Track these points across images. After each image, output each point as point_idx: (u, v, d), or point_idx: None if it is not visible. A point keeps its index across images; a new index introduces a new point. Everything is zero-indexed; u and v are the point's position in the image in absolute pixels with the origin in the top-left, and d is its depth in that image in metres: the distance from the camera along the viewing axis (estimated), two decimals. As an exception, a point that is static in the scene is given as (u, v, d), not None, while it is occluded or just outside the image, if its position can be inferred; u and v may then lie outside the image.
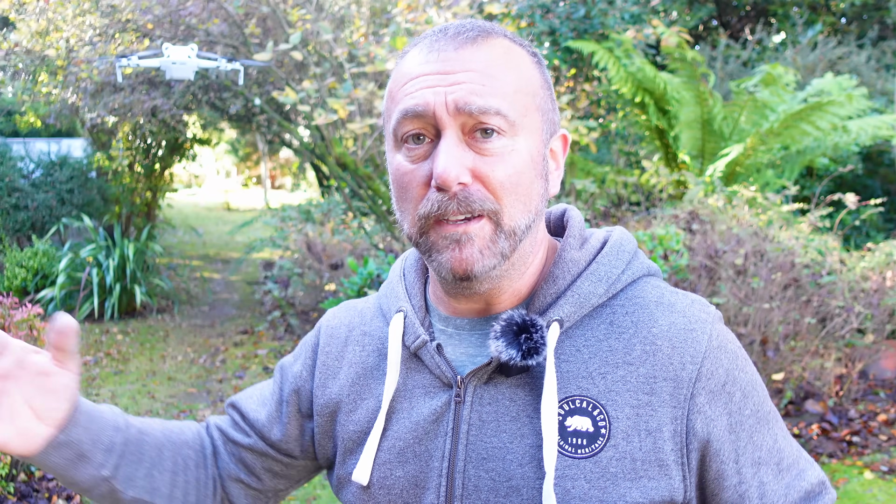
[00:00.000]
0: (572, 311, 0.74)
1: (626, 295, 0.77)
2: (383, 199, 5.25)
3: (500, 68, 0.71)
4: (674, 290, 0.78)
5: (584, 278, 0.75)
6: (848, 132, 5.48)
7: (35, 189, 8.72)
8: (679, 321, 0.74)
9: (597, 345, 0.74)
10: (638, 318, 0.74)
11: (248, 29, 6.22)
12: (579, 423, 0.71)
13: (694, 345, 0.72)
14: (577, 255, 0.77)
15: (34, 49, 7.35)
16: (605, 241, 0.80)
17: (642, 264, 0.80)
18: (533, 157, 0.72)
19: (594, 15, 6.35)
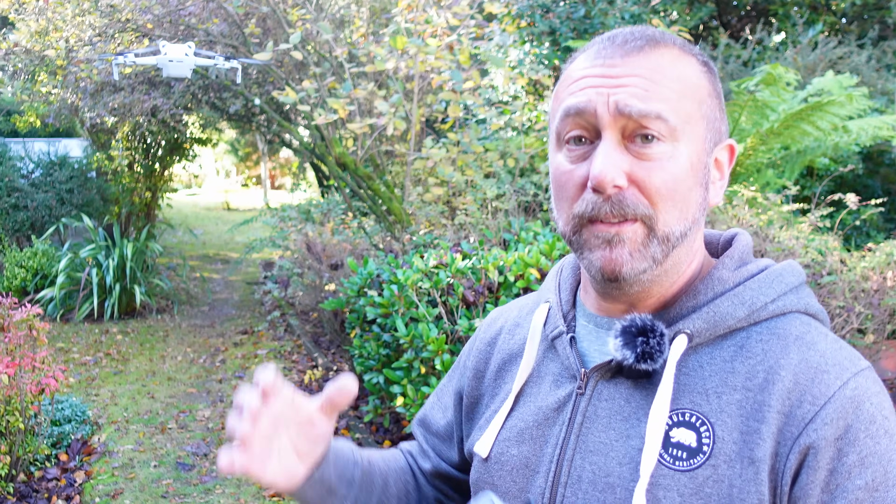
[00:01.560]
0: (704, 327, 0.73)
1: (769, 325, 0.73)
2: (383, 199, 5.24)
3: (666, 75, 0.71)
4: (825, 333, 0.73)
5: (725, 298, 0.73)
6: (848, 132, 5.47)
7: (34, 189, 8.71)
8: (814, 358, 0.70)
9: (721, 365, 0.72)
10: (771, 346, 0.71)
11: (248, 29, 6.21)
12: (684, 435, 0.70)
13: (821, 386, 0.68)
14: (726, 275, 0.75)
15: (33, 49, 7.34)
16: (765, 268, 0.77)
17: (800, 300, 0.75)
18: (693, 164, 0.72)
19: (594, 15, 6.34)
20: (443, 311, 3.69)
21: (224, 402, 5.22)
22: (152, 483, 3.95)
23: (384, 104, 4.64)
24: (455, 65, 4.91)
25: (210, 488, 3.89)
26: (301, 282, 6.61)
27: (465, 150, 4.99)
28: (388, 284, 3.79)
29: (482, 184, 4.92)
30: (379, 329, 4.01)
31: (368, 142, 5.45)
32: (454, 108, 4.72)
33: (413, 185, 5.58)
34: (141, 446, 4.44)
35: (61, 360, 6.06)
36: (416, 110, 5.00)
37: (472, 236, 4.61)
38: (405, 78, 5.39)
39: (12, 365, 3.44)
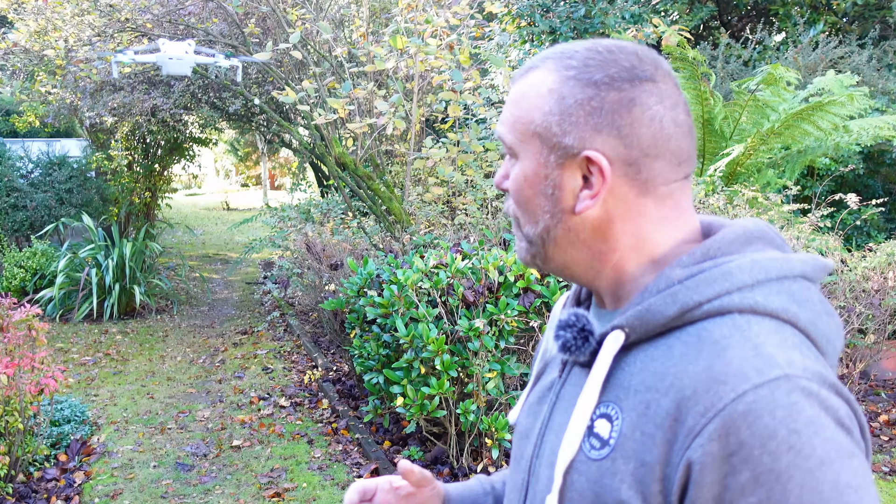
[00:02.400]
0: (637, 323, 0.74)
1: (701, 326, 0.71)
2: (383, 199, 5.23)
3: (515, 101, 0.81)
4: (750, 339, 0.68)
5: (660, 295, 0.73)
6: (849, 132, 5.46)
7: (34, 189, 8.70)
8: (716, 367, 0.67)
9: (646, 363, 0.73)
10: (688, 350, 0.70)
11: (248, 28, 6.20)
12: (602, 427, 0.74)
13: (713, 398, 0.65)
14: (676, 273, 0.74)
15: (32, 49, 7.33)
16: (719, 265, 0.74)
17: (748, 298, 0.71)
18: (528, 177, 0.80)
19: (594, 14, 6.33)
20: (443, 312, 3.68)
21: (223, 403, 5.21)
22: (152, 483, 3.94)
23: (384, 104, 4.63)
24: (455, 64, 4.90)
25: (209, 489, 3.88)
26: (301, 282, 6.60)
27: (465, 149, 4.98)
28: (388, 284, 3.78)
29: (482, 184, 4.91)
30: (379, 329, 4.00)
31: (368, 142, 5.44)
32: (454, 108, 4.71)
33: (413, 185, 5.57)
34: (140, 447, 4.43)
35: (60, 361, 6.05)
36: (415, 110, 4.99)
37: (472, 236, 4.60)
38: (405, 77, 5.38)
39: (11, 365, 3.43)
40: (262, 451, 4.38)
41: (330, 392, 5.21)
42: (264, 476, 4.04)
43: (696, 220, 0.81)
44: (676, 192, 0.78)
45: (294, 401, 5.20)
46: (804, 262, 0.75)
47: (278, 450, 4.39)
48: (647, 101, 0.75)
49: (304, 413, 4.99)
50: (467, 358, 3.56)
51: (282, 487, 3.88)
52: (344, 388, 5.37)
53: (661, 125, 0.75)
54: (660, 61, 0.78)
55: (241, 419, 4.85)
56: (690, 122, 0.79)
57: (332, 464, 4.18)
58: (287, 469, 4.13)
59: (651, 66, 0.76)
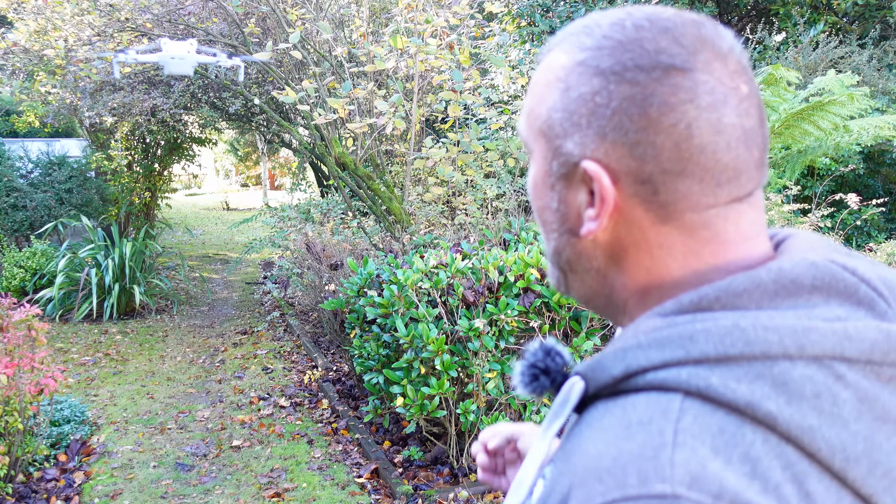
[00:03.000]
0: (590, 375, 0.58)
1: (636, 399, 0.54)
2: (383, 199, 5.23)
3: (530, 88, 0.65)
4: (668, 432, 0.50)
5: (614, 350, 0.57)
6: (849, 132, 5.46)
7: (33, 189, 8.70)
8: (606, 457, 0.51)
9: (583, 428, 0.57)
10: (605, 424, 0.54)
11: (248, 28, 6.20)
12: (538, 488, 0.61)
13: (586, 495, 0.50)
14: (648, 324, 0.57)
15: (32, 48, 7.33)
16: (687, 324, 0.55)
17: (701, 378, 0.51)
18: (537, 184, 0.64)
19: (595, 14, 6.33)
20: (443, 312, 3.68)
21: (223, 403, 5.21)
22: (151, 483, 3.94)
23: (384, 104, 4.63)
24: (455, 64, 4.90)
25: (209, 489, 3.88)
26: (301, 282, 6.60)
27: (465, 150, 4.98)
28: (388, 284, 3.77)
29: (482, 184, 4.91)
30: (379, 329, 4.00)
31: (368, 141, 5.44)
32: (454, 108, 4.71)
33: (413, 185, 5.57)
34: (140, 447, 4.42)
35: (60, 361, 6.05)
36: (415, 110, 4.99)
37: (472, 236, 4.60)
38: (405, 77, 5.38)
39: (11, 365, 3.43)
40: (262, 451, 4.37)
41: (330, 392, 5.21)
42: (264, 476, 4.03)
43: (752, 251, 0.59)
44: (717, 221, 0.58)
45: (294, 401, 5.20)
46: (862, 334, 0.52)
47: (278, 450, 4.39)
48: (669, 98, 0.55)
49: (304, 413, 4.98)
50: (467, 358, 3.56)
51: (282, 487, 3.88)
52: (344, 388, 5.36)
53: (689, 132, 0.55)
54: (712, 39, 0.58)
55: (241, 419, 4.85)
56: (749, 125, 0.57)
57: (332, 464, 4.18)
58: (287, 469, 4.12)
59: (690, 49, 0.56)
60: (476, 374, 3.56)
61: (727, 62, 0.57)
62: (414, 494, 3.66)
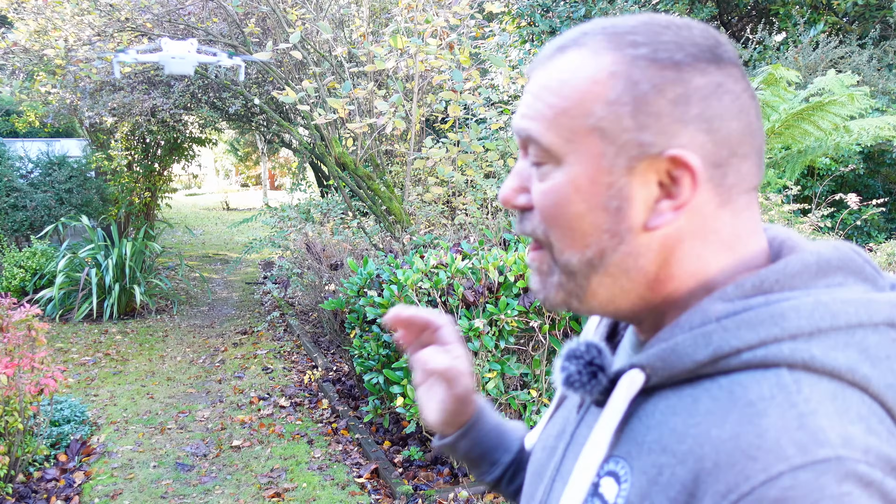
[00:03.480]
0: (658, 364, 0.60)
1: (737, 378, 0.57)
2: (383, 199, 5.23)
3: (550, 89, 0.63)
4: (796, 405, 0.53)
5: (692, 334, 0.59)
6: (850, 132, 5.46)
7: (33, 189, 8.70)
8: (747, 437, 0.53)
9: (668, 417, 0.59)
10: (716, 408, 0.56)
11: (248, 28, 6.20)
12: (608, 488, 0.62)
13: (738, 476, 0.51)
14: (716, 308, 0.60)
15: (32, 48, 7.33)
16: (770, 303, 0.59)
17: (802, 351, 0.55)
18: (581, 187, 0.62)
19: (594, 14, 6.33)
20: (443, 312, 3.67)
21: (223, 403, 5.21)
22: (151, 483, 3.94)
23: (384, 104, 4.63)
24: (455, 64, 4.90)
25: (209, 489, 3.88)
26: (301, 282, 6.60)
27: (465, 150, 4.98)
28: (388, 284, 3.77)
29: (482, 184, 4.91)
30: (379, 329, 4.00)
31: (368, 141, 5.44)
32: (454, 108, 4.71)
33: (413, 185, 5.57)
34: (140, 447, 4.42)
35: (60, 361, 6.05)
36: (415, 110, 4.99)
37: (472, 236, 4.60)
38: (405, 77, 5.38)
39: (11, 365, 3.43)
40: (262, 451, 4.37)
41: (330, 392, 5.21)
42: (264, 476, 4.03)
43: (763, 237, 0.65)
44: (753, 203, 0.63)
45: (294, 401, 5.20)
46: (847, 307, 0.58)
47: (278, 450, 4.39)
48: (734, 87, 0.61)
49: (304, 413, 4.98)
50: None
51: (282, 487, 3.88)
52: (344, 388, 5.36)
53: (749, 118, 0.61)
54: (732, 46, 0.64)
55: (241, 419, 4.85)
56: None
57: (332, 464, 4.18)
58: (287, 469, 4.12)
59: (730, 49, 0.63)
60: (476, 375, 3.56)
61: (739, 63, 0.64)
62: (414, 494, 3.66)
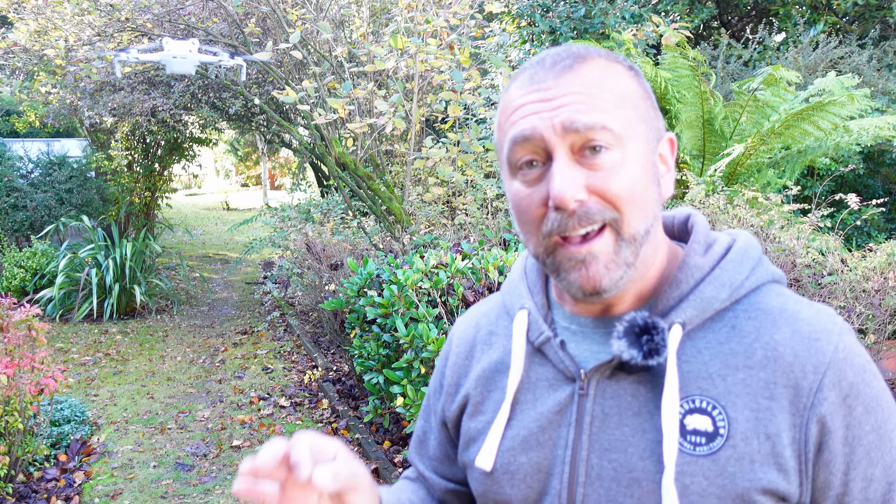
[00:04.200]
0: (694, 314, 0.77)
1: (750, 301, 0.78)
2: (383, 199, 5.23)
3: (600, 87, 0.75)
4: (798, 299, 0.78)
5: (706, 283, 0.78)
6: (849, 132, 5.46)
7: (33, 189, 8.71)
8: (804, 329, 0.75)
9: (718, 347, 0.76)
10: (761, 323, 0.76)
11: (248, 28, 6.20)
12: (699, 422, 0.74)
13: (818, 355, 0.74)
14: (700, 261, 0.80)
15: (32, 48, 7.33)
16: (730, 246, 0.82)
17: (767, 271, 0.81)
18: (643, 164, 0.76)
19: (594, 14, 6.33)
20: (443, 312, 3.68)
21: (223, 403, 5.21)
22: (151, 483, 3.94)
23: (384, 104, 4.63)
24: (455, 64, 4.90)
25: (209, 489, 3.88)
26: (301, 282, 6.60)
27: (465, 150, 4.98)
28: (388, 284, 3.78)
29: (482, 184, 4.91)
30: (379, 329, 4.00)
31: (368, 141, 5.44)
32: (454, 108, 4.71)
33: (413, 185, 5.57)
34: (140, 447, 4.43)
35: (60, 361, 6.05)
36: (415, 110, 4.99)
37: (472, 236, 4.60)
38: (405, 77, 5.38)
39: (11, 365, 3.43)
40: (262, 451, 4.37)
41: (330, 392, 5.21)
42: (264, 476, 4.03)
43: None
44: None
45: (294, 401, 5.20)
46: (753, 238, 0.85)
47: (278, 450, 4.38)
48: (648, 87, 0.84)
49: (304, 413, 4.99)
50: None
51: (282, 487, 3.88)
52: (344, 388, 5.36)
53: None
54: None
55: (241, 419, 4.85)
56: None
57: (332, 464, 4.18)
58: (287, 469, 4.12)
59: None
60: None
61: None
62: (414, 494, 3.66)
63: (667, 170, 0.81)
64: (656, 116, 0.80)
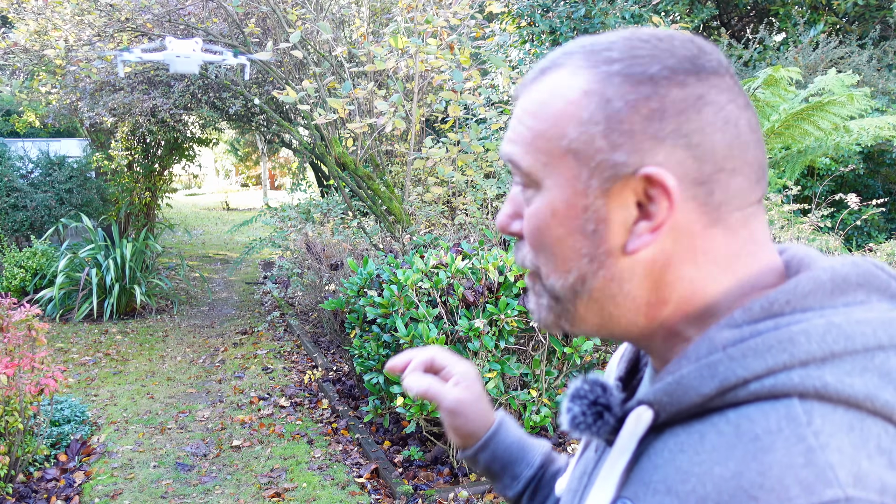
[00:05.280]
0: (665, 400, 0.57)
1: (746, 412, 0.53)
2: (383, 199, 5.23)
3: (535, 111, 0.61)
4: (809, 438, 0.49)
5: (697, 366, 0.55)
6: (849, 132, 5.46)
7: (34, 189, 8.71)
8: (749, 474, 0.50)
9: (676, 455, 0.56)
10: (721, 443, 0.53)
11: (248, 28, 6.20)
12: None
13: None
14: (724, 336, 0.55)
15: (33, 48, 7.33)
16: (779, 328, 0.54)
17: (813, 378, 0.51)
18: (557, 210, 0.60)
19: (594, 14, 6.33)
20: (443, 312, 3.68)
21: (223, 403, 5.21)
22: (152, 483, 3.94)
23: (384, 104, 4.63)
24: (455, 64, 4.90)
25: (209, 489, 3.88)
26: (301, 282, 6.60)
27: (465, 150, 4.98)
28: (388, 284, 3.78)
29: (482, 184, 4.91)
30: (379, 329, 4.00)
31: (368, 141, 5.44)
32: (454, 108, 4.71)
33: (413, 185, 5.58)
34: (140, 447, 4.43)
35: (60, 361, 6.05)
36: (416, 110, 4.99)
37: (472, 236, 4.60)
38: (405, 77, 5.38)
39: (11, 365, 3.43)
40: (262, 451, 4.38)
41: (330, 392, 5.21)
42: (264, 476, 4.03)
43: (773, 256, 0.60)
44: (752, 220, 0.59)
45: (294, 401, 5.20)
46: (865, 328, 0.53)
47: (278, 450, 4.39)
48: (718, 98, 0.57)
49: (304, 413, 4.99)
50: (467, 358, 3.56)
51: (282, 487, 3.88)
52: (344, 388, 5.36)
53: (738, 130, 0.57)
54: (721, 54, 0.60)
55: (241, 419, 4.85)
56: (758, 128, 0.60)
57: (332, 464, 4.18)
58: (287, 469, 4.13)
59: (716, 57, 0.59)
60: (476, 374, 3.56)
61: (734, 73, 0.60)
62: (414, 494, 3.66)
63: (636, 218, 0.58)
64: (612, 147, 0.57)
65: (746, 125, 0.57)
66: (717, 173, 0.56)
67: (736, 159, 0.57)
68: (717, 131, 0.56)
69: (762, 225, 0.60)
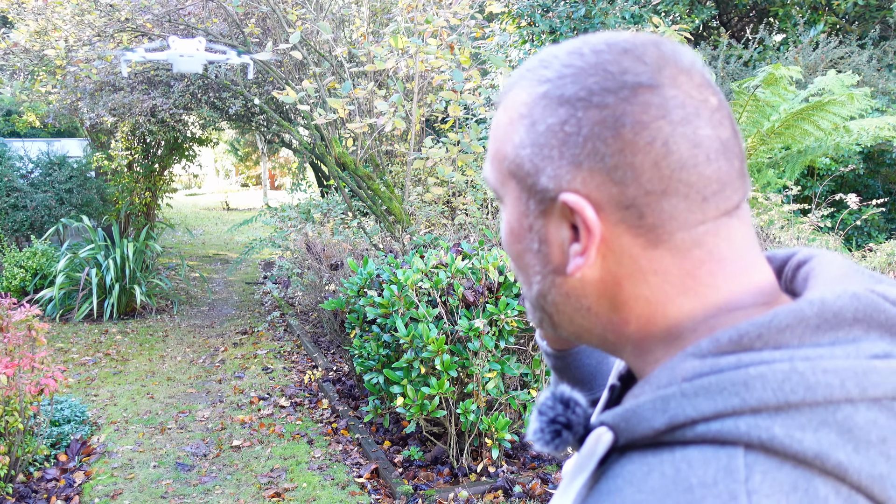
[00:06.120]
0: (623, 426, 0.54)
1: (690, 455, 0.49)
2: (383, 199, 5.23)
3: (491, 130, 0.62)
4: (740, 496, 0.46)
5: (652, 398, 0.52)
6: (849, 132, 5.46)
7: (34, 189, 8.71)
8: None
9: (624, 486, 0.53)
10: (658, 487, 0.50)
11: (248, 28, 6.20)
12: None
13: None
14: (686, 366, 0.52)
15: (33, 49, 7.34)
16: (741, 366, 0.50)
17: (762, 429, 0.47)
18: (513, 228, 0.61)
19: (594, 14, 6.33)
20: (443, 312, 3.68)
21: (223, 403, 5.21)
22: (152, 483, 3.94)
23: (384, 104, 4.63)
24: (455, 64, 4.90)
25: (209, 489, 3.88)
26: (301, 282, 6.61)
27: (465, 150, 4.98)
28: (388, 284, 3.78)
29: (482, 184, 4.91)
30: (379, 329, 4.00)
31: (368, 141, 5.44)
32: (454, 108, 4.71)
33: (413, 185, 5.58)
34: (140, 447, 4.43)
35: (60, 361, 6.05)
36: (416, 110, 4.99)
37: (472, 236, 4.60)
38: (405, 77, 5.38)
39: (11, 365, 3.43)
40: (262, 451, 4.38)
41: (330, 392, 5.21)
42: (264, 476, 4.03)
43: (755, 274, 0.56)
44: (708, 238, 0.55)
45: (294, 401, 5.20)
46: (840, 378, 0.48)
47: (278, 450, 4.39)
48: (641, 117, 0.53)
49: (304, 413, 4.99)
50: (467, 358, 3.56)
51: (282, 487, 3.88)
52: (344, 388, 5.37)
53: (667, 148, 0.53)
54: (673, 56, 0.56)
55: (241, 419, 4.85)
56: (725, 136, 0.55)
57: (332, 464, 4.18)
58: (287, 469, 4.13)
59: (653, 66, 0.55)
60: (476, 374, 3.56)
61: (692, 76, 0.55)
62: (414, 494, 3.66)
63: (570, 239, 0.57)
64: (537, 171, 0.57)
65: (684, 141, 0.53)
66: (645, 196, 0.53)
67: (667, 180, 0.53)
68: (639, 153, 0.53)
69: (729, 242, 0.55)
